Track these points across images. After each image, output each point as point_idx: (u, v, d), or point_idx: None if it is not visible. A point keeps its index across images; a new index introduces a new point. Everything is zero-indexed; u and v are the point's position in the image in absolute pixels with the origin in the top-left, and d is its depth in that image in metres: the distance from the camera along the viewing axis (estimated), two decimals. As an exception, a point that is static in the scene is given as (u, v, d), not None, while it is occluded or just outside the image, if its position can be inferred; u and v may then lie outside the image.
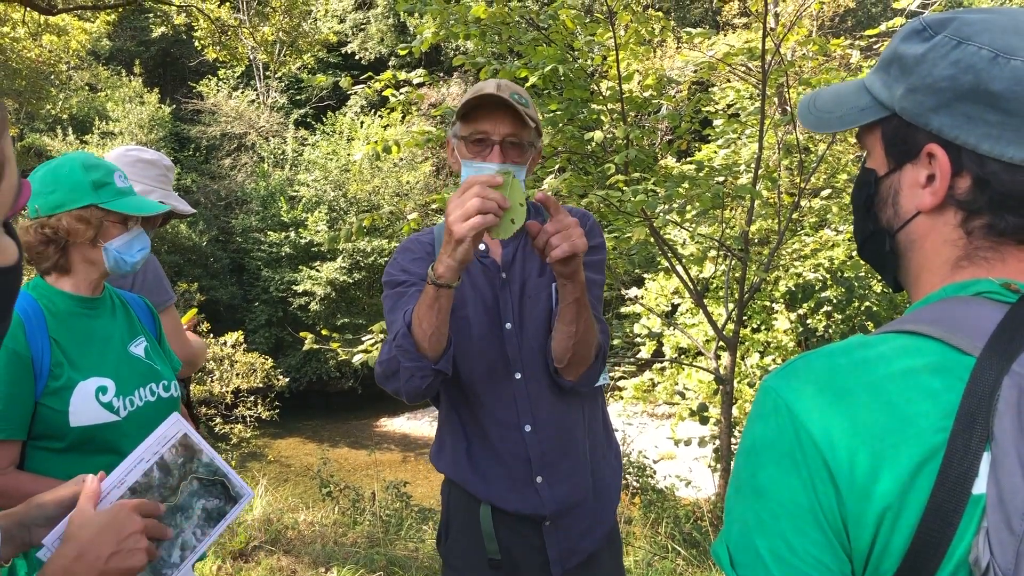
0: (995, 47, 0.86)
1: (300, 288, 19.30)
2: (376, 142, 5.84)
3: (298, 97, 25.35)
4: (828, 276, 8.13)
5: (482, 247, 2.06)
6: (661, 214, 5.42)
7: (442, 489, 2.23)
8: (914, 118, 0.92)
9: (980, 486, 0.78)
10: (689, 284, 6.18)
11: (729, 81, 7.70)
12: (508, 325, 2.05)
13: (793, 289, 8.56)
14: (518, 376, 2.05)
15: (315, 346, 6.86)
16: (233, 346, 13.31)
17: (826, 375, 0.88)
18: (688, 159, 7.06)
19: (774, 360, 8.86)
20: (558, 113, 5.49)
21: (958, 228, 0.91)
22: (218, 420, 12.96)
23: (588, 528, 2.11)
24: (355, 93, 23.79)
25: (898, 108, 0.94)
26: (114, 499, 1.43)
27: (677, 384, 9.78)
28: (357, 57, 25.46)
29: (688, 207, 5.64)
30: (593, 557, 2.12)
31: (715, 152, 6.80)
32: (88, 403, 1.97)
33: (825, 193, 8.48)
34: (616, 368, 11.38)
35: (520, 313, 2.06)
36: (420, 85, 5.87)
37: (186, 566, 1.50)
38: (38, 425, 1.95)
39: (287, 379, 15.65)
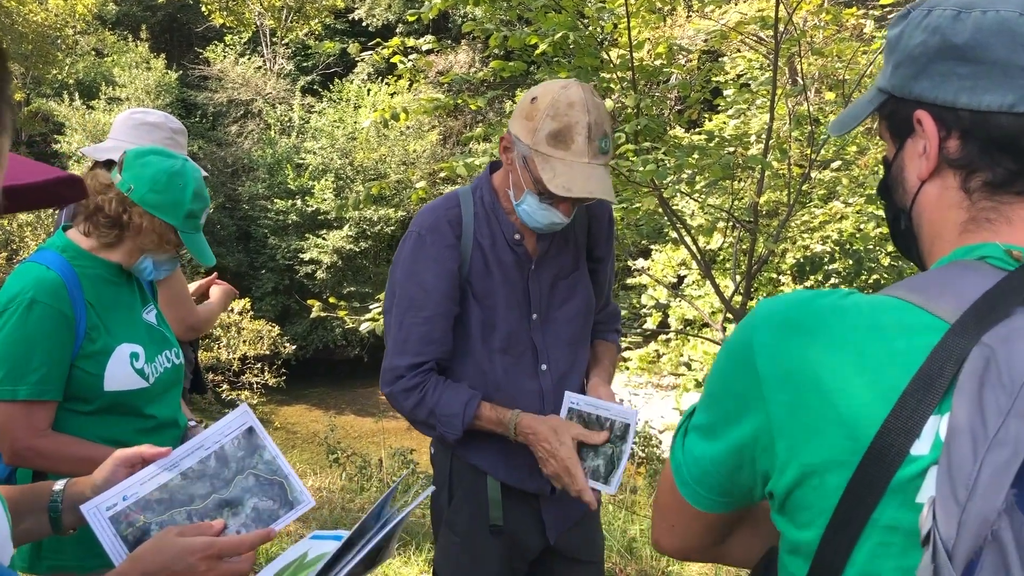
0: (958, 5, 0.90)
1: (307, 256, 19.28)
2: (384, 109, 5.80)
3: (305, 64, 25.14)
4: (836, 248, 8.10)
5: (517, 236, 2.04)
6: (670, 184, 5.39)
7: (436, 455, 2.21)
8: (901, 91, 0.95)
9: (920, 447, 0.79)
10: (697, 255, 6.15)
11: (739, 51, 7.61)
12: (535, 316, 2.06)
13: (801, 261, 8.54)
14: (544, 367, 2.06)
15: (322, 314, 6.88)
16: (240, 313, 13.37)
17: (797, 312, 0.90)
18: (698, 129, 7.01)
19: (780, 332, 8.83)
20: (568, 81, 5.43)
21: (960, 191, 0.92)
22: (225, 386, 13.04)
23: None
24: (362, 60, 23.54)
25: (889, 86, 0.97)
26: (162, 481, 1.36)
27: (683, 355, 9.79)
28: (364, 23, 25.19)
29: (698, 177, 5.60)
30: (583, 516, 2.21)
31: (725, 122, 6.74)
32: (123, 368, 1.98)
33: (835, 165, 8.41)
34: (622, 339, 11.39)
35: (548, 305, 2.07)
36: (429, 52, 5.81)
37: None
38: (70, 387, 1.94)
39: (294, 347, 15.70)
